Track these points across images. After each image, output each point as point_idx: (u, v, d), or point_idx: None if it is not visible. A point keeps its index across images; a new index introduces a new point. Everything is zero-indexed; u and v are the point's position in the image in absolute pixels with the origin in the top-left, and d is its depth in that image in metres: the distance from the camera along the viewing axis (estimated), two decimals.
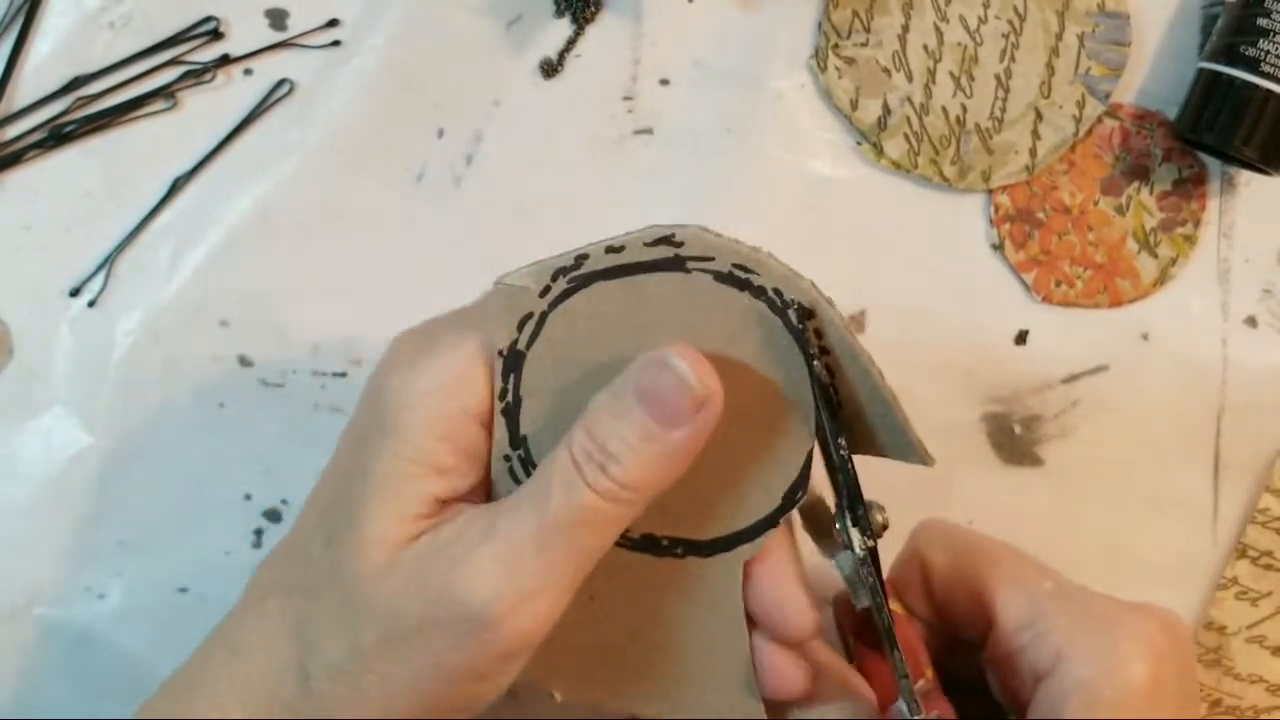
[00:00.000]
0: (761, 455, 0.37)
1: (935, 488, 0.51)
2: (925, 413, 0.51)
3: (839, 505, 0.36)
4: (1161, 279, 0.52)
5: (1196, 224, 0.52)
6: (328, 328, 0.50)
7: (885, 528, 0.37)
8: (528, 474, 0.36)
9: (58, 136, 0.49)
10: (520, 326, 0.36)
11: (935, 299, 0.52)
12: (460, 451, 0.35)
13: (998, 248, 0.51)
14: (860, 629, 0.40)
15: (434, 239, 0.51)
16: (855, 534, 0.36)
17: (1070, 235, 0.51)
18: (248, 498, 0.50)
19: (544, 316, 0.36)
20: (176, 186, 0.49)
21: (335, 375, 0.51)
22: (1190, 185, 0.52)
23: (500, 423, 0.36)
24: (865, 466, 0.50)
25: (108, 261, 0.49)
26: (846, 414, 0.37)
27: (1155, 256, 0.52)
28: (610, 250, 0.36)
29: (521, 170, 0.51)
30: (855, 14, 0.51)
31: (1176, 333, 0.52)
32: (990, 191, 0.51)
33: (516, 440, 0.36)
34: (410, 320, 0.50)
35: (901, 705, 0.35)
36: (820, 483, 0.37)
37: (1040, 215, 0.51)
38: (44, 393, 0.50)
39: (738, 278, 0.36)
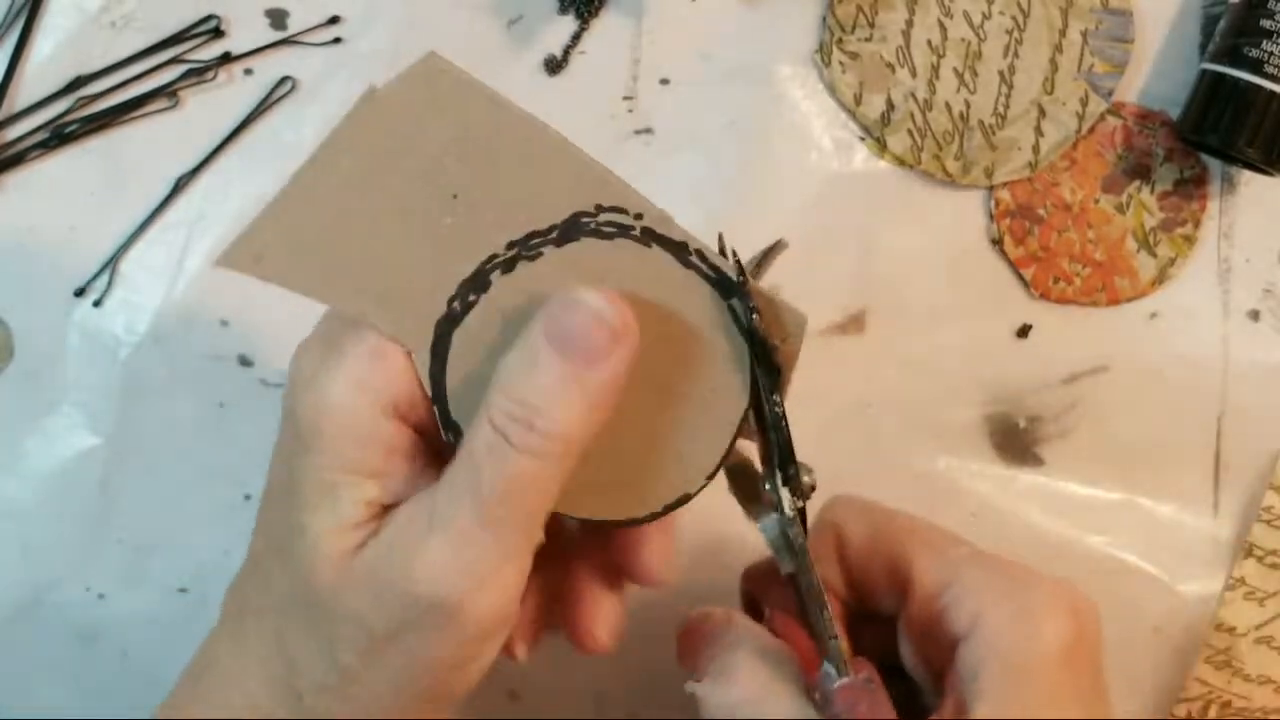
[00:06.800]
0: (686, 422, 0.38)
1: (936, 487, 0.54)
2: (925, 412, 0.54)
3: (769, 465, 0.38)
4: (1160, 279, 0.54)
5: (1196, 224, 0.55)
6: None
7: (813, 489, 0.38)
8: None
9: (60, 137, 0.51)
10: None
11: (936, 295, 0.54)
12: (390, 451, 0.36)
13: (998, 243, 0.54)
14: (775, 599, 0.42)
15: None
16: (785, 494, 0.37)
17: (1070, 232, 0.54)
18: (247, 498, 0.53)
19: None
20: (179, 186, 0.52)
21: None
22: (1191, 186, 0.54)
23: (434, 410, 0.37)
24: (859, 465, 0.54)
25: (112, 261, 0.52)
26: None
27: (1154, 256, 0.54)
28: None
29: None
30: (859, 9, 0.54)
31: (1178, 332, 0.54)
32: (992, 187, 0.54)
33: (449, 424, 0.37)
34: None
35: (829, 668, 0.37)
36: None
37: (1041, 211, 0.54)
38: (50, 393, 0.52)
39: (656, 234, 0.37)
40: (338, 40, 0.53)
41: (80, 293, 0.52)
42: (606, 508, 0.38)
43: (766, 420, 0.37)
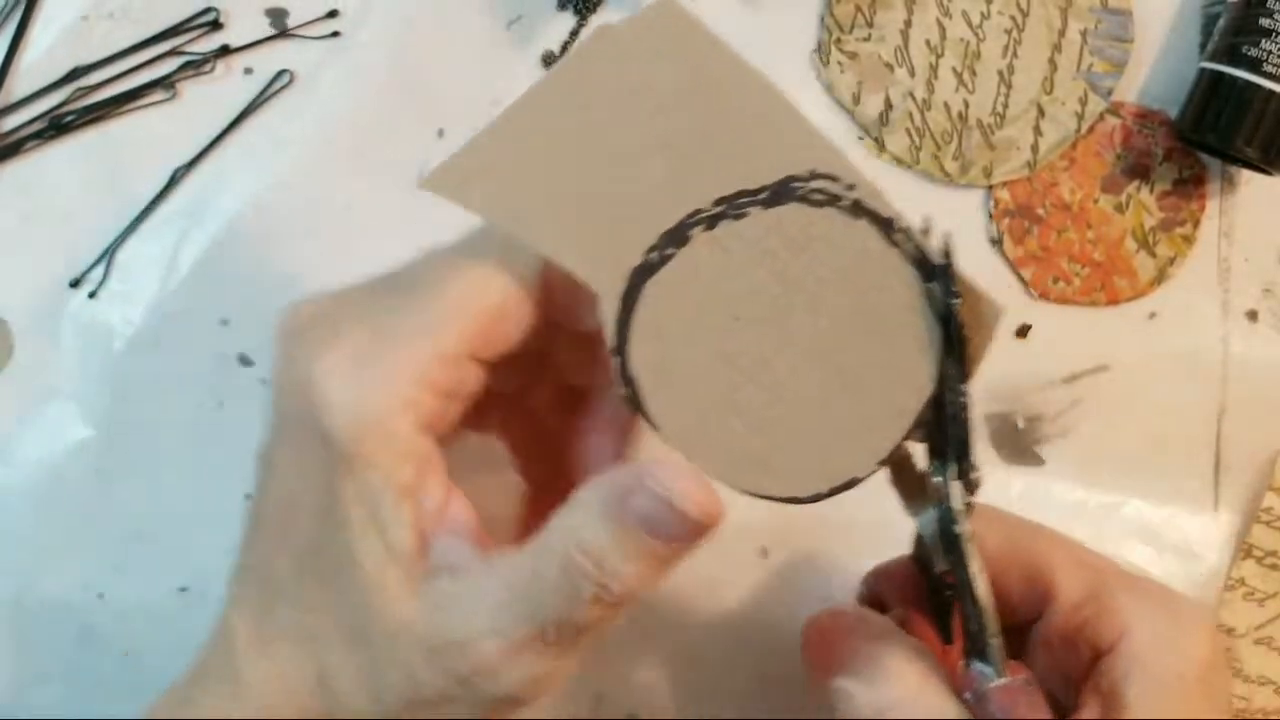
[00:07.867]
0: (862, 404, 0.37)
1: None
2: None
3: (941, 456, 0.37)
4: (1159, 278, 0.55)
5: (1195, 224, 0.55)
6: None
7: (980, 485, 0.37)
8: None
9: (57, 127, 0.52)
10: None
11: None
12: (423, 468, 0.35)
13: (997, 243, 0.54)
14: (907, 599, 0.42)
15: (434, 239, 0.53)
16: (956, 488, 0.37)
17: (1069, 232, 0.55)
18: (248, 497, 0.52)
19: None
20: (176, 178, 0.52)
21: None
22: (1190, 185, 0.55)
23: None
24: None
25: (108, 253, 0.52)
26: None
27: (1153, 256, 0.55)
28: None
29: None
30: (858, 8, 0.54)
31: (1178, 332, 0.55)
32: (990, 187, 0.55)
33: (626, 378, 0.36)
34: None
35: (983, 668, 0.36)
36: None
37: (1040, 211, 0.55)
38: (44, 384, 0.52)
39: (865, 208, 0.36)
40: (335, 34, 0.53)
41: (75, 284, 0.52)
42: (769, 483, 0.37)
43: (946, 411, 0.37)
